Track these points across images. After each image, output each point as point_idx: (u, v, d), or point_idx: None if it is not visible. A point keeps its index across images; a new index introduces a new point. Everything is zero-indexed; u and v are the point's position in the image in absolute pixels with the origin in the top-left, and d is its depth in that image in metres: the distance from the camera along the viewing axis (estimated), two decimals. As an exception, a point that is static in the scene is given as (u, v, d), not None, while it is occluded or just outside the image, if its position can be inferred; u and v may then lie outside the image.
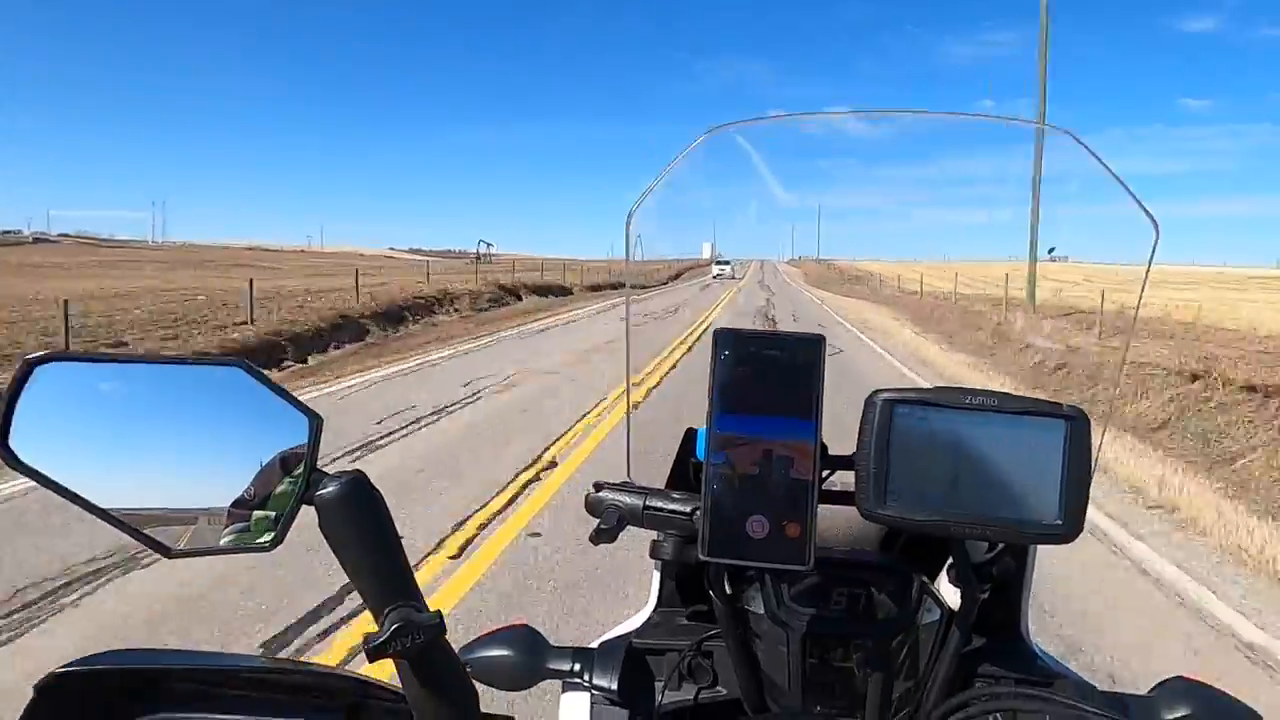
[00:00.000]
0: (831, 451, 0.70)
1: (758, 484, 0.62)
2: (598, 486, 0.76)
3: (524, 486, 5.36)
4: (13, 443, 0.51)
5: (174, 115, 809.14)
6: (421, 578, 2.97)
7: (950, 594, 0.74)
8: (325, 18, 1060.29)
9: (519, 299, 23.98)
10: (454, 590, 3.74)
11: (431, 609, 0.56)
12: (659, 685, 0.81)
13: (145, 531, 0.53)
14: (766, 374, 0.63)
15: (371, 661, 0.54)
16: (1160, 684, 0.72)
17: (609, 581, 3.78)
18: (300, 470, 0.55)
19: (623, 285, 32.58)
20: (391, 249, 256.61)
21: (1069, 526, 0.62)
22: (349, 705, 0.68)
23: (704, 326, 14.67)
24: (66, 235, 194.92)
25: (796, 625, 0.74)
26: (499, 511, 4.86)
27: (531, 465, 5.87)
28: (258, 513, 0.56)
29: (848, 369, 10.12)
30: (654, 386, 8.61)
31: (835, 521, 0.86)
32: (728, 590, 0.74)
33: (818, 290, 38.75)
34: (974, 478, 0.63)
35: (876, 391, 0.65)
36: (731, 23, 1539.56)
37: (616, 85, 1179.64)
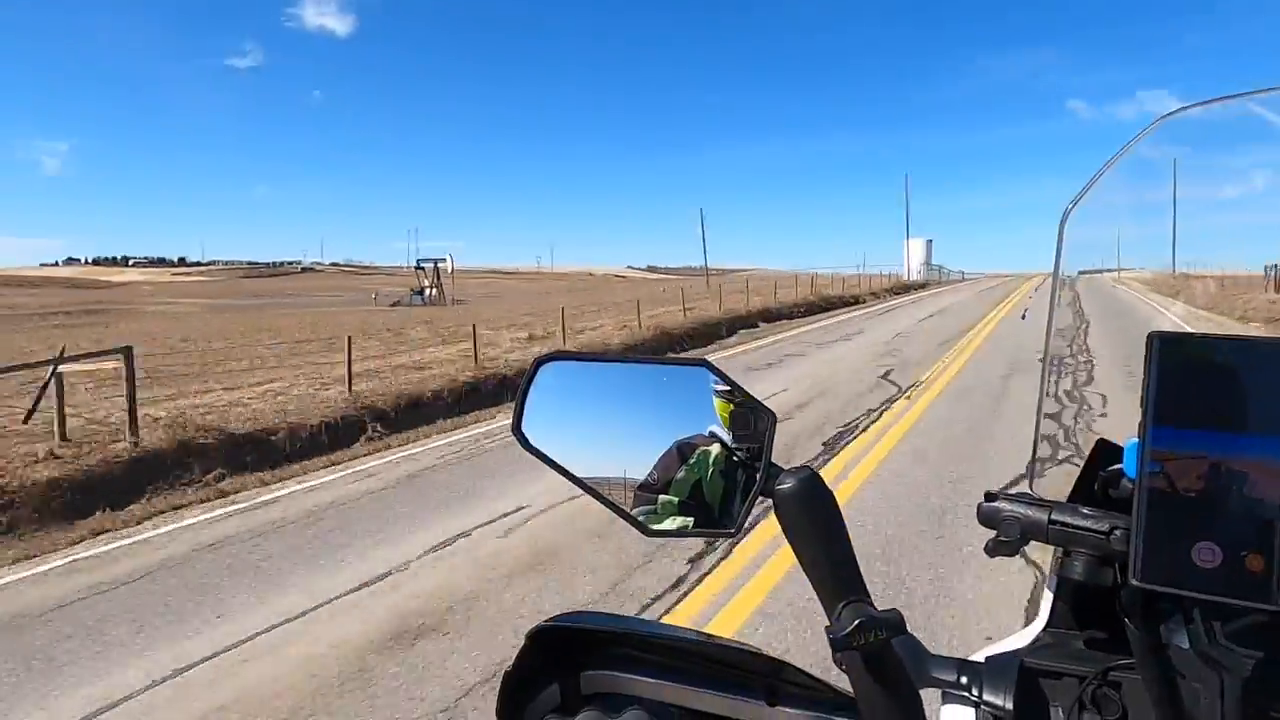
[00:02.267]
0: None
1: (1207, 506, 0.57)
2: (989, 496, 0.76)
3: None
4: (525, 428, 0.65)
5: (427, 147, 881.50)
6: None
7: None
8: (551, 43, 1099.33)
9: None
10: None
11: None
12: (1056, 711, 0.75)
13: (626, 510, 0.64)
14: (1221, 384, 0.59)
15: (836, 651, 0.58)
16: None
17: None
18: (759, 464, 0.62)
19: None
20: (629, 267, 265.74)
21: None
22: (768, 685, 0.73)
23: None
24: (336, 264, 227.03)
25: (1236, 667, 0.67)
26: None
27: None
28: (662, 497, 0.63)
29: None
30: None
31: None
32: (1147, 619, 0.66)
33: None
34: None
35: None
36: (1016, 13, 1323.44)
37: (890, 91, 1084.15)
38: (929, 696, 0.75)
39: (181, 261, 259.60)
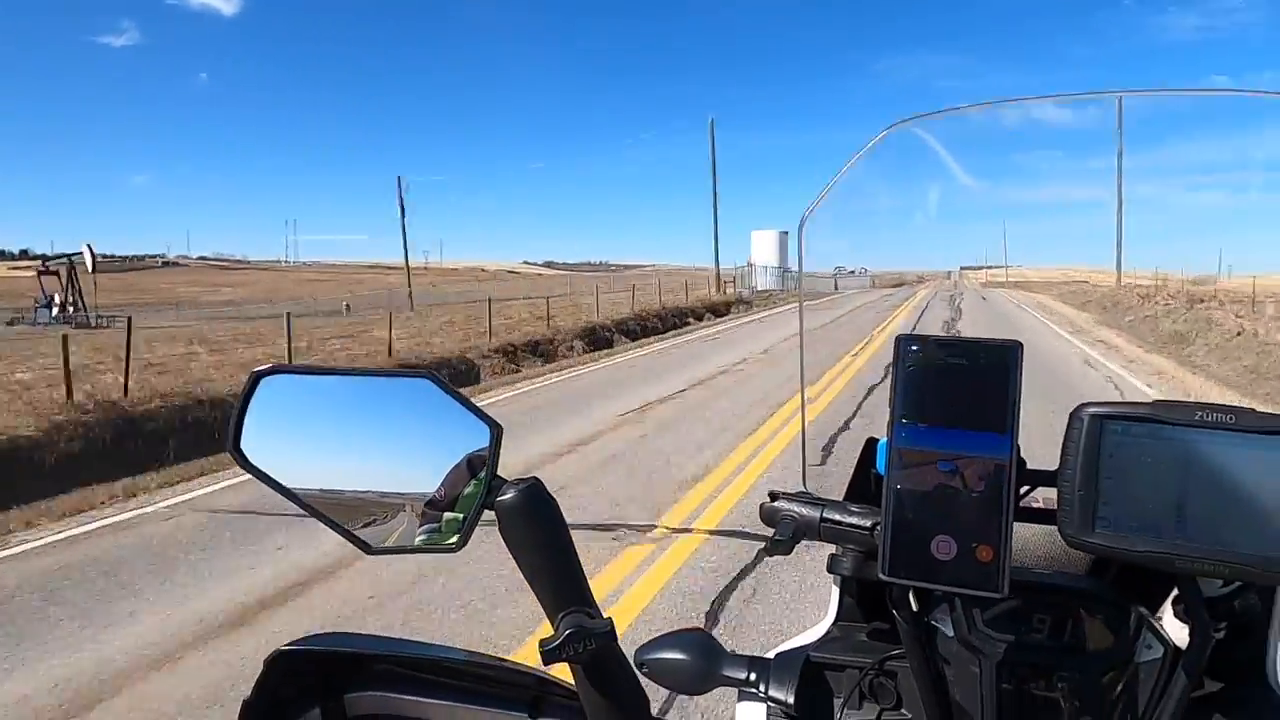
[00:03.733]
0: (1031, 465, 0.68)
1: (944, 502, 0.61)
2: (773, 496, 0.79)
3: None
4: (243, 445, 0.63)
5: (302, 133, 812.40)
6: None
7: (1177, 629, 0.71)
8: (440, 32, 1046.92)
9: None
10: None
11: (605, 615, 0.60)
12: (838, 702, 0.81)
13: (349, 529, 0.62)
14: (955, 383, 0.62)
15: (546, 664, 0.59)
16: None
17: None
18: (484, 475, 0.62)
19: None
20: (525, 262, 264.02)
21: None
22: (531, 698, 0.75)
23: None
24: (204, 258, 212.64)
25: (990, 651, 0.73)
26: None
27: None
28: (447, 514, 0.62)
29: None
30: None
31: (1035, 538, 0.83)
32: (913, 609, 0.70)
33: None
34: (1206, 506, 0.60)
35: (1082, 405, 0.63)
36: (913, 17, 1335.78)
37: (786, 91, 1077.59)
38: (727, 694, 0.79)
39: (24, 254, 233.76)
